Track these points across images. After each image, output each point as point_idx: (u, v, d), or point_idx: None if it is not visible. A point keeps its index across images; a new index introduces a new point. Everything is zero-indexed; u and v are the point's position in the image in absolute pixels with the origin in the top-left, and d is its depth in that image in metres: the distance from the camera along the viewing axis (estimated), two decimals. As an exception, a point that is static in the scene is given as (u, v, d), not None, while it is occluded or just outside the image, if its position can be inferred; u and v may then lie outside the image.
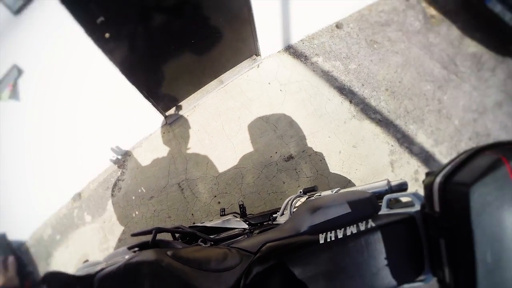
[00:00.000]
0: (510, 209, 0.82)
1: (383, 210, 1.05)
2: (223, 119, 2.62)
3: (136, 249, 1.05)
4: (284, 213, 1.50)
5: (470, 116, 3.12)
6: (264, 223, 1.64)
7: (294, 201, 1.52)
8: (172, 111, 2.70)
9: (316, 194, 1.46)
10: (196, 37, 2.29)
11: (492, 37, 4.23)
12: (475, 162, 0.92)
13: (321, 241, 0.96)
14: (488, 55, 3.94)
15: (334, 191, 1.34)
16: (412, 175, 2.61)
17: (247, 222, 1.61)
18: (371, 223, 0.96)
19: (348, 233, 0.95)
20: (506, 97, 3.58)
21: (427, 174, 0.98)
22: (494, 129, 3.20)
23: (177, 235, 1.38)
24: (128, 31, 1.96)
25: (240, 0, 2.25)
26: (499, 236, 0.81)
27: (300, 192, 1.54)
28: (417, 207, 1.00)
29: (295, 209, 1.39)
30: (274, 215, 1.66)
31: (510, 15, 3.63)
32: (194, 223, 1.80)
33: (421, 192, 0.97)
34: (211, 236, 1.32)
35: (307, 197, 1.49)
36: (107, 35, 1.82)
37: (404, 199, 1.21)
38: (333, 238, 0.95)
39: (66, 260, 2.60)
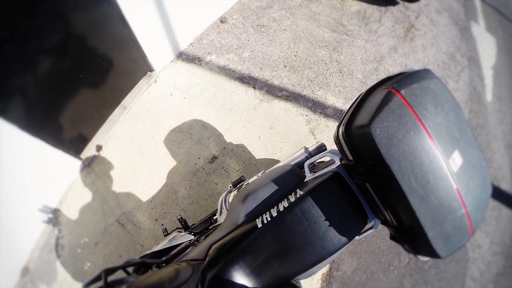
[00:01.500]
0: (417, 132, 0.86)
1: (308, 176, 1.09)
2: (137, 143, 2.59)
3: None
4: (222, 211, 1.51)
5: (371, 66, 3.35)
6: (209, 228, 1.67)
7: (227, 197, 1.54)
8: (86, 152, 2.62)
9: (244, 184, 1.48)
10: (85, 71, 2.24)
11: (370, -8, 4.63)
12: (368, 102, 0.96)
13: (259, 225, 0.97)
14: (371, 9, 4.29)
15: (260, 174, 1.38)
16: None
17: (192, 233, 1.62)
18: (299, 192, 0.99)
19: (281, 208, 0.97)
20: (398, 41, 3.93)
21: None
22: (396, 71, 3.47)
23: (130, 269, 1.34)
24: (14, 84, 1.87)
25: (117, 23, 2.25)
26: (417, 161, 0.84)
27: (230, 186, 1.57)
28: (337, 162, 1.05)
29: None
30: (214, 217, 1.69)
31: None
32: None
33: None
34: (163, 258, 1.33)
35: (236, 189, 1.53)
36: (-8, 95, 1.72)
37: (326, 159, 1.29)
38: (269, 219, 0.97)
39: None
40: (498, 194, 3.26)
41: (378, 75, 3.34)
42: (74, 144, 2.51)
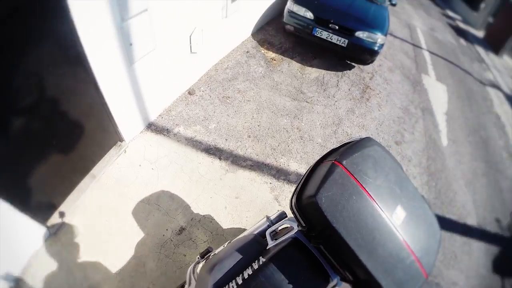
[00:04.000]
0: (359, 197, 1.04)
1: (270, 244, 1.22)
2: (105, 213, 2.65)
3: None
4: (191, 282, 1.57)
5: (330, 130, 3.67)
6: None
7: (195, 268, 1.62)
8: (52, 219, 2.63)
9: (212, 254, 1.58)
10: (57, 136, 2.31)
11: (327, 58, 5.13)
12: (316, 174, 1.15)
13: None
14: (329, 75, 4.74)
15: (226, 245, 1.50)
16: (298, 202, 3.01)
17: None
18: (262, 259, 1.11)
19: (246, 276, 1.08)
20: (354, 103, 4.33)
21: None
22: (354, 131, 3.75)
23: None
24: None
25: (92, 93, 2.38)
26: (362, 221, 1.01)
27: (198, 257, 1.64)
28: (296, 229, 1.20)
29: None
30: None
31: (336, 36, 4.50)
32: None
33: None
34: None
35: (204, 260, 1.61)
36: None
37: (288, 225, 1.47)
38: (235, 287, 1.07)
39: None
40: (466, 230, 3.56)
41: (337, 138, 3.66)
42: (40, 210, 2.51)
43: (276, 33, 5.64)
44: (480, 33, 15.49)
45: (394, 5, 6.21)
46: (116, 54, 2.39)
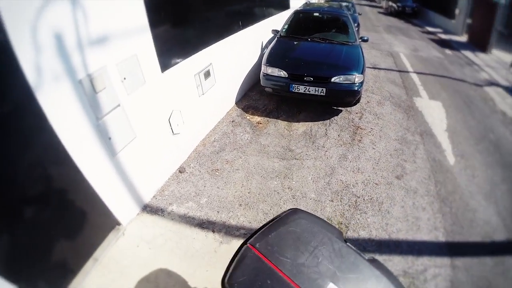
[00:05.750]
0: (274, 280, 1.09)
1: None
2: (107, 295, 2.81)
3: None
4: None
5: (323, 182, 3.76)
6: None
7: None
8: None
9: None
10: (59, 226, 2.56)
11: (312, 110, 5.39)
12: (239, 257, 1.22)
13: None
14: (316, 125, 4.98)
15: None
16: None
17: None
18: None
19: None
20: (346, 148, 4.44)
21: None
22: (350, 178, 3.86)
23: None
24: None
25: (83, 187, 2.66)
26: None
27: None
28: None
29: None
30: None
31: (313, 88, 4.76)
32: None
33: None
34: None
35: None
36: None
37: None
38: None
39: None
40: (496, 248, 3.31)
41: (332, 189, 3.76)
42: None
43: (259, 97, 6.03)
44: (463, 38, 15.78)
45: (366, 41, 6.50)
46: (98, 149, 2.69)
